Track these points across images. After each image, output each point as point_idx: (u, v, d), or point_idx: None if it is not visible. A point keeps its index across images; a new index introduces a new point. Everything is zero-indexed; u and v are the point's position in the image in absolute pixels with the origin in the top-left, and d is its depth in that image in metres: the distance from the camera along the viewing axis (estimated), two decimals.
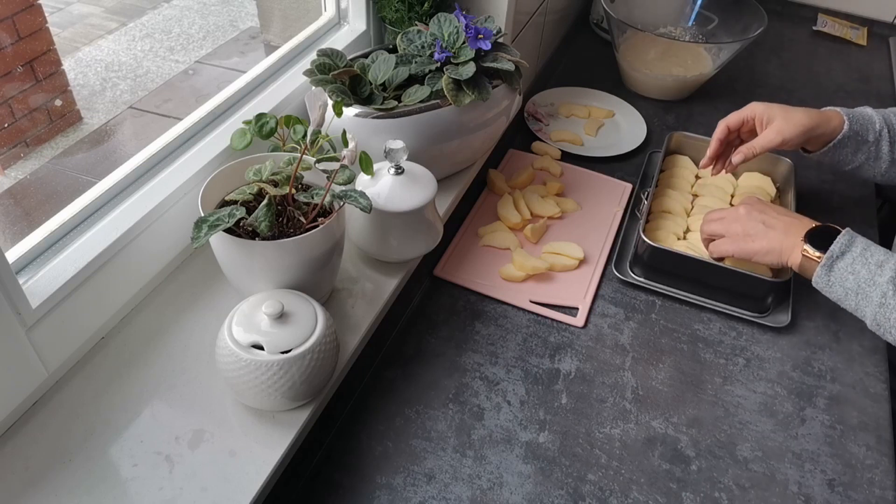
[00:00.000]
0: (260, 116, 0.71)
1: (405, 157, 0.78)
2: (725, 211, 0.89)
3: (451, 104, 0.84)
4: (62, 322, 0.66)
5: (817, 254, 0.79)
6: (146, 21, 2.69)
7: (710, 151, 0.99)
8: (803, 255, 0.80)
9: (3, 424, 0.64)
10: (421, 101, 0.84)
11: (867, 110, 0.97)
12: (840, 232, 0.79)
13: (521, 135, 1.21)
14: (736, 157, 0.95)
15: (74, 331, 0.69)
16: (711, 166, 1.01)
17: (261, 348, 0.63)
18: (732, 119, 0.97)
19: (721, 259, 0.89)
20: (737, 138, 1.00)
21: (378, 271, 0.85)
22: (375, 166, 0.80)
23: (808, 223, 0.82)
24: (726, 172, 1.00)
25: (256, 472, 0.64)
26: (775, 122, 0.93)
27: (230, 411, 0.69)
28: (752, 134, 0.97)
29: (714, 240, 0.89)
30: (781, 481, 0.75)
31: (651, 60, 1.33)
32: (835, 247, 0.77)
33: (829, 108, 0.97)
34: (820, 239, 0.79)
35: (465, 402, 0.79)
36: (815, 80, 1.46)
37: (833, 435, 0.80)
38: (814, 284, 0.80)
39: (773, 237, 0.83)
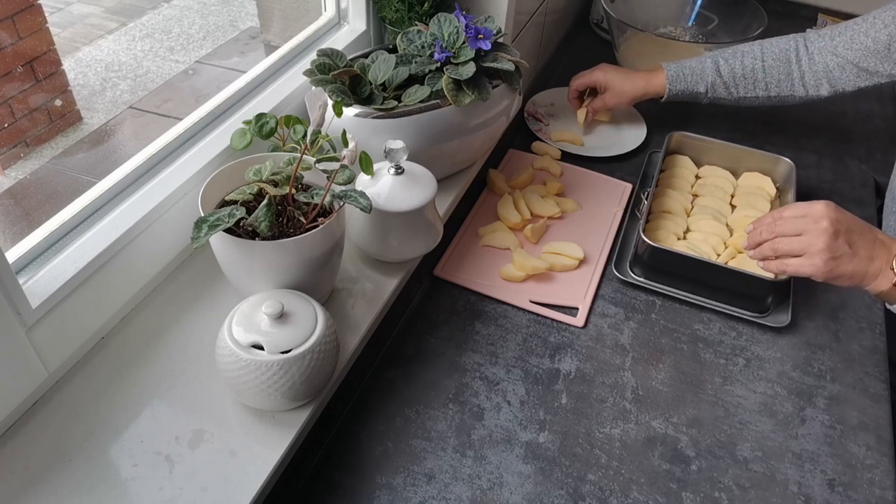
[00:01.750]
0: (260, 116, 0.71)
1: (405, 157, 0.78)
2: (805, 221, 0.77)
3: (451, 104, 0.84)
4: (62, 322, 0.66)
5: None
6: (146, 21, 2.69)
7: (571, 102, 1.23)
8: (889, 289, 0.75)
9: (3, 424, 0.64)
10: (421, 101, 0.84)
11: (704, 62, 1.12)
12: None
13: (521, 135, 1.21)
14: (587, 118, 1.21)
15: (74, 331, 0.69)
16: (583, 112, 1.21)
17: (261, 348, 0.63)
18: (580, 83, 1.20)
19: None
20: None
21: (378, 271, 0.85)
22: (375, 166, 0.80)
23: (891, 250, 0.75)
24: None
25: (256, 472, 0.64)
26: (606, 94, 1.16)
27: (230, 411, 0.69)
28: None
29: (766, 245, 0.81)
30: (781, 481, 0.75)
31: (651, 60, 1.32)
32: None
33: (665, 64, 1.14)
34: None
35: (465, 402, 0.79)
36: None
37: (833, 435, 0.80)
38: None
39: (859, 263, 0.75)
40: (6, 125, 1.76)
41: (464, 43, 0.86)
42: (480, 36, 0.86)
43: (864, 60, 1.03)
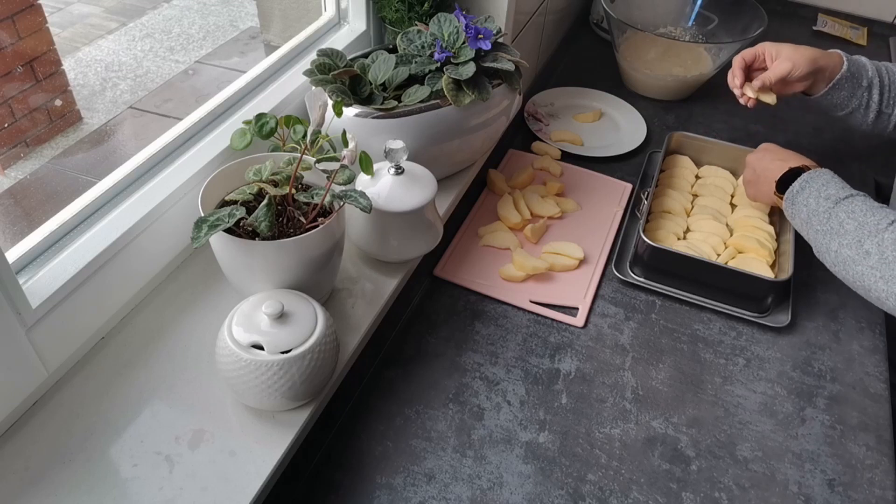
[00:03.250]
0: (260, 116, 0.71)
1: (405, 157, 0.78)
2: (749, 157, 0.99)
3: (451, 104, 0.84)
4: (62, 322, 0.66)
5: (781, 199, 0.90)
6: (146, 21, 2.69)
7: (737, 80, 1.04)
8: (774, 196, 0.92)
9: (3, 424, 0.64)
10: (421, 101, 0.84)
11: (862, 59, 1.04)
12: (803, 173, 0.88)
13: (521, 135, 1.21)
14: (755, 83, 1.02)
15: (74, 331, 0.69)
16: (742, 94, 1.05)
17: (261, 348, 0.63)
18: (747, 54, 1.04)
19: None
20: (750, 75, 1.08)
21: (378, 271, 0.85)
22: (375, 166, 0.80)
23: (786, 165, 0.91)
24: (751, 104, 1.04)
25: (256, 472, 0.64)
26: (784, 51, 1.01)
27: (230, 411, 0.69)
28: (763, 71, 1.04)
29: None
30: (781, 481, 0.75)
31: (651, 60, 1.33)
32: (789, 192, 0.88)
33: (830, 49, 1.03)
34: (784, 183, 0.90)
35: (465, 402, 0.79)
36: None
37: (833, 435, 0.80)
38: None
39: (761, 186, 0.95)
40: (6, 125, 1.76)
41: (464, 43, 0.86)
42: (480, 36, 0.86)
43: None
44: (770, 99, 1.02)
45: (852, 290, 0.81)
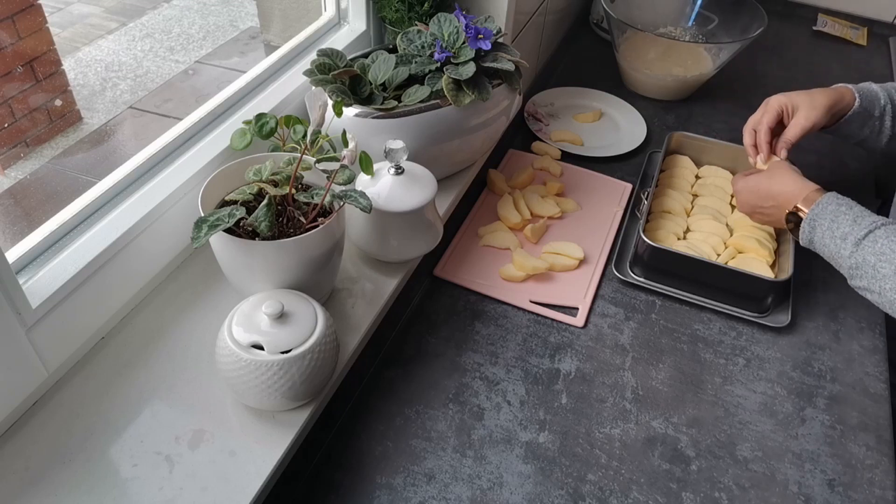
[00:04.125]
0: (260, 116, 0.71)
1: (405, 157, 0.78)
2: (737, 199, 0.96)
3: (451, 104, 0.84)
4: (62, 322, 0.66)
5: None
6: (146, 21, 2.69)
7: (751, 159, 0.99)
8: (791, 231, 0.88)
9: (3, 424, 0.64)
10: (421, 101, 0.84)
11: (872, 87, 1.01)
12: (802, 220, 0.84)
13: (521, 135, 1.21)
14: (781, 154, 0.96)
15: (74, 331, 0.69)
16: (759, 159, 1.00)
17: (261, 348, 0.63)
18: (770, 119, 0.98)
19: None
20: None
21: (378, 271, 0.85)
22: (375, 166, 0.80)
23: (780, 216, 0.88)
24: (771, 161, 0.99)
25: (256, 472, 0.64)
26: (801, 109, 0.96)
27: (230, 411, 0.69)
28: (779, 126, 0.99)
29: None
30: (781, 481, 0.75)
31: (651, 60, 1.33)
32: (802, 240, 0.85)
33: (838, 85, 1.00)
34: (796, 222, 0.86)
35: (465, 402, 0.79)
36: (815, 81, 1.45)
37: (833, 435, 0.80)
38: None
39: (773, 220, 0.91)
40: (6, 125, 1.76)
41: (464, 43, 0.86)
42: (480, 36, 0.86)
43: None
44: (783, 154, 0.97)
45: (852, 290, 0.81)
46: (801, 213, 0.84)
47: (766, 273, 0.91)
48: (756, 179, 0.92)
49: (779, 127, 0.98)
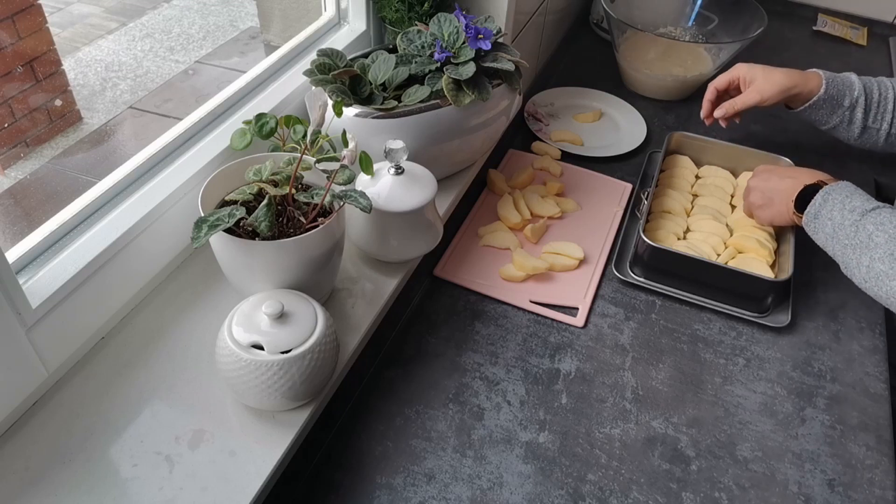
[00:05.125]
0: (260, 116, 0.71)
1: (405, 157, 0.78)
2: (750, 181, 0.97)
3: (451, 104, 0.84)
4: (62, 322, 0.66)
5: (801, 215, 0.88)
6: (146, 21, 2.69)
7: (703, 111, 1.11)
8: (793, 216, 0.90)
9: (3, 424, 0.64)
10: (421, 101, 0.84)
11: (851, 77, 1.04)
12: (819, 189, 0.86)
13: (521, 135, 1.21)
14: (717, 112, 1.07)
15: (74, 331, 0.69)
16: (710, 118, 1.11)
17: (261, 348, 0.63)
18: (720, 81, 1.08)
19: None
20: (727, 96, 1.10)
21: (378, 271, 0.85)
22: (375, 166, 0.80)
23: (801, 184, 0.88)
24: (725, 123, 1.09)
25: (256, 472, 0.64)
26: (756, 81, 1.04)
27: (230, 411, 0.69)
28: (739, 93, 1.07)
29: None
30: (781, 481, 0.75)
31: (651, 60, 1.33)
32: (809, 209, 0.86)
33: (813, 69, 1.05)
34: (803, 201, 0.88)
35: (465, 402, 0.79)
36: None
37: (833, 435, 0.80)
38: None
39: (775, 208, 0.92)
40: (6, 125, 1.76)
41: (464, 43, 0.86)
42: (480, 36, 0.86)
43: None
44: (737, 118, 1.08)
45: (852, 290, 0.81)
46: (820, 184, 0.86)
47: (766, 273, 0.91)
48: (774, 167, 0.96)
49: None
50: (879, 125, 1.04)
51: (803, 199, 0.87)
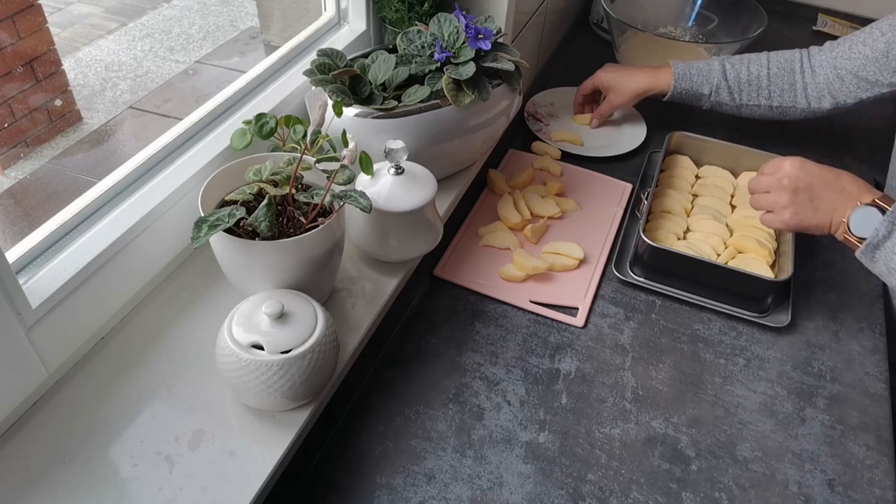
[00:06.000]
0: (260, 116, 0.71)
1: (405, 157, 0.78)
2: (770, 179, 0.86)
3: (451, 104, 0.84)
4: (62, 322, 0.66)
5: (856, 244, 0.79)
6: (146, 21, 2.69)
7: (575, 109, 1.25)
8: (845, 237, 0.80)
9: (3, 424, 0.64)
10: (421, 101, 0.84)
11: (711, 65, 1.12)
12: (885, 212, 0.77)
13: (521, 135, 1.22)
14: (592, 124, 1.22)
15: (74, 331, 0.69)
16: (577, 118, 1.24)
17: (261, 348, 0.63)
18: (585, 87, 1.21)
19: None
20: (594, 98, 1.24)
21: (378, 271, 0.85)
22: (375, 166, 0.80)
23: (855, 200, 0.80)
24: (593, 125, 1.22)
25: (256, 472, 0.64)
26: (612, 92, 1.16)
27: (230, 411, 0.69)
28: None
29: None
30: (781, 481, 0.75)
31: (651, 60, 1.33)
32: (872, 237, 0.78)
33: (671, 63, 1.13)
34: (861, 225, 0.79)
35: (465, 402, 0.79)
36: None
37: (833, 435, 0.80)
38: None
39: (822, 215, 0.82)
40: (6, 125, 1.76)
41: (464, 43, 0.86)
42: (480, 36, 0.86)
43: (863, 70, 1.03)
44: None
45: (852, 290, 0.81)
46: (881, 204, 0.78)
47: (766, 273, 0.91)
48: (818, 165, 0.84)
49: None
50: (758, 101, 1.10)
51: (856, 219, 0.80)
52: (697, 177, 1.12)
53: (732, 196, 1.07)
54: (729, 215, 1.04)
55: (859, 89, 1.05)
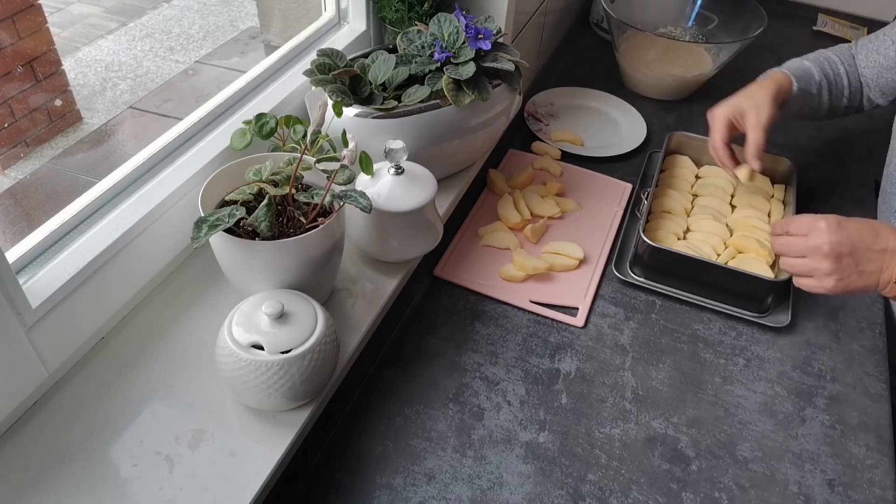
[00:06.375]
0: (260, 116, 0.71)
1: (405, 157, 0.78)
2: (805, 243, 0.79)
3: (451, 104, 0.84)
4: (62, 322, 0.66)
5: None
6: (146, 21, 2.69)
7: (728, 168, 0.97)
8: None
9: (3, 424, 0.64)
10: (421, 101, 0.84)
11: (804, 64, 1.03)
12: None
13: (521, 135, 1.21)
14: (755, 164, 0.94)
15: (74, 331, 0.69)
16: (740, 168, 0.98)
17: (261, 348, 0.63)
18: (722, 136, 0.97)
19: None
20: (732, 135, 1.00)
21: (378, 271, 0.85)
22: (375, 166, 0.80)
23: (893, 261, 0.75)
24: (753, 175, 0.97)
25: (256, 472, 0.64)
26: (749, 113, 0.94)
27: (230, 411, 0.69)
28: (737, 131, 0.98)
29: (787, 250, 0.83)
30: (781, 481, 0.75)
31: (651, 60, 1.33)
32: None
33: (770, 72, 1.03)
34: None
35: (465, 402, 0.79)
36: None
37: (833, 435, 0.80)
38: None
39: (868, 277, 0.76)
40: (6, 125, 1.76)
41: (464, 43, 0.86)
42: (480, 36, 0.86)
43: (882, 77, 1.02)
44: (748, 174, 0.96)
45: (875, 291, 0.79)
46: None
47: (766, 273, 0.91)
48: (855, 223, 0.78)
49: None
50: (840, 102, 1.05)
51: None
52: (697, 177, 1.12)
53: (732, 196, 1.07)
54: (729, 215, 1.03)
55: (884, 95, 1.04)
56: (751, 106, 0.94)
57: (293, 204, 0.71)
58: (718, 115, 0.96)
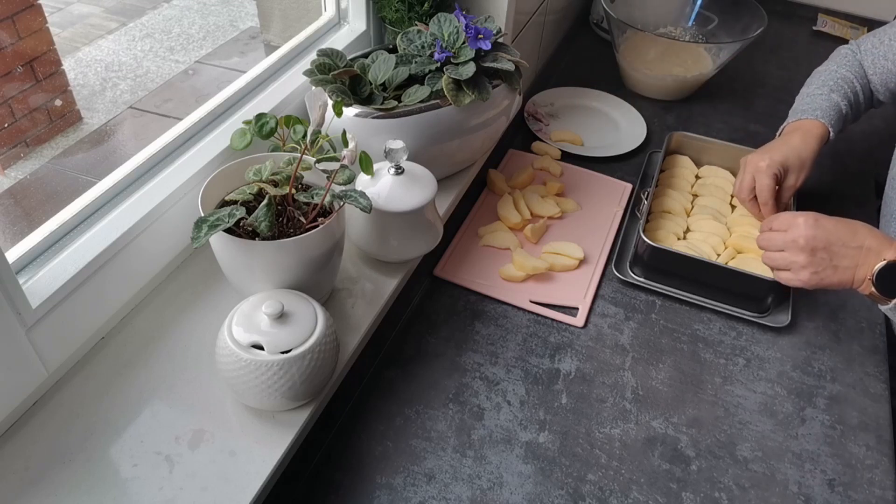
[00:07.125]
0: (260, 116, 0.71)
1: (405, 157, 0.78)
2: (783, 238, 0.82)
3: (451, 104, 0.84)
4: (62, 322, 0.66)
5: (885, 299, 0.77)
6: (146, 21, 2.69)
7: (762, 219, 0.95)
8: (871, 294, 0.78)
9: (3, 424, 0.64)
10: (421, 101, 0.84)
11: (832, 99, 1.01)
12: None
13: (521, 135, 1.21)
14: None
15: (74, 331, 0.69)
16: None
17: (261, 348, 0.63)
18: (766, 194, 0.95)
19: None
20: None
21: (378, 271, 0.85)
22: (375, 166, 0.80)
23: (877, 255, 0.77)
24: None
25: (256, 472, 0.64)
26: (789, 178, 0.95)
27: (230, 411, 0.69)
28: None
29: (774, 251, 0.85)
30: (781, 481, 0.75)
31: (651, 60, 1.33)
32: None
33: (802, 120, 1.00)
34: (889, 280, 0.76)
35: (465, 402, 0.79)
36: None
37: (833, 435, 0.80)
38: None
39: (843, 273, 0.79)
40: (6, 125, 1.76)
41: (464, 43, 0.86)
42: (480, 36, 0.86)
43: (891, 81, 1.02)
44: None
45: (852, 290, 0.81)
46: None
47: (766, 273, 0.91)
48: (833, 220, 0.80)
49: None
50: (858, 118, 1.07)
51: (885, 277, 0.76)
52: (697, 177, 1.12)
53: (732, 196, 1.07)
54: (729, 215, 1.04)
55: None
56: (796, 166, 0.95)
57: (293, 204, 0.71)
58: (765, 169, 0.94)
